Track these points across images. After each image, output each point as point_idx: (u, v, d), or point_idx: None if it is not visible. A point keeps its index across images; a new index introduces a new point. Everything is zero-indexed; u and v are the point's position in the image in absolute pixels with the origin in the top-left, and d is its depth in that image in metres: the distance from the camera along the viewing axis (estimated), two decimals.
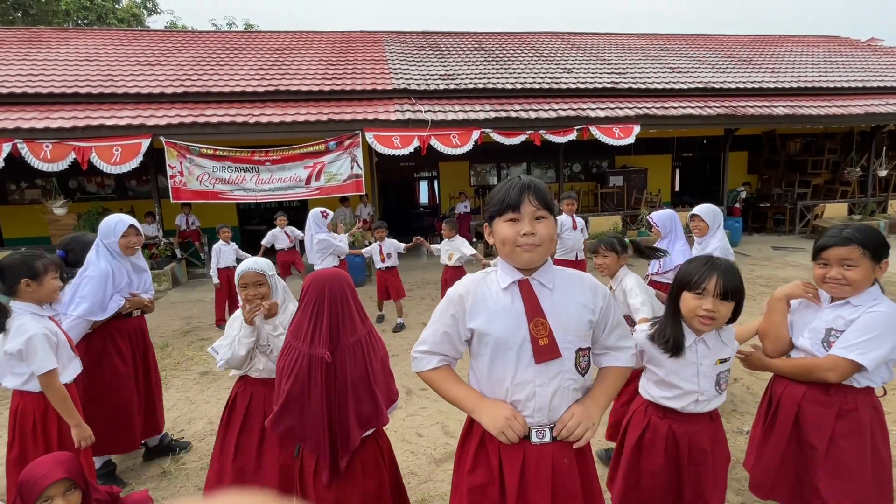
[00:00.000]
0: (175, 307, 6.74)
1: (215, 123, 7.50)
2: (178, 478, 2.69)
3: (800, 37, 15.47)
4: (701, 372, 1.53)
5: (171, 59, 10.27)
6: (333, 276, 1.58)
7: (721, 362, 1.54)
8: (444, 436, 3.01)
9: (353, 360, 1.55)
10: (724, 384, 1.57)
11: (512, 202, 1.18)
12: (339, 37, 13.01)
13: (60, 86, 8.33)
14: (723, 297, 1.45)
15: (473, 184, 11.99)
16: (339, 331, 1.53)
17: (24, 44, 10.77)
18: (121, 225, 2.57)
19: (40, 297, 2.04)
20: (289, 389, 1.51)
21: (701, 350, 1.53)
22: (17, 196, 9.68)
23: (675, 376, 1.55)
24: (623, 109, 8.85)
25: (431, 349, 1.32)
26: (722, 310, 1.45)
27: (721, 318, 1.47)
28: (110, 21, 20.52)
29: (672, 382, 1.56)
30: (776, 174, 11.93)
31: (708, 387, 1.53)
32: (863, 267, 1.52)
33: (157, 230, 8.28)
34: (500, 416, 1.19)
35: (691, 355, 1.53)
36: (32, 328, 1.94)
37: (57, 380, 1.98)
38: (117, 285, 2.57)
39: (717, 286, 1.44)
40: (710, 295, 1.44)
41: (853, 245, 1.52)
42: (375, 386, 1.57)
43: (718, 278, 1.44)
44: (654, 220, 3.49)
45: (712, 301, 1.44)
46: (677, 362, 1.54)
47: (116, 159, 7.11)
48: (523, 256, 1.19)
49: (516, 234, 1.17)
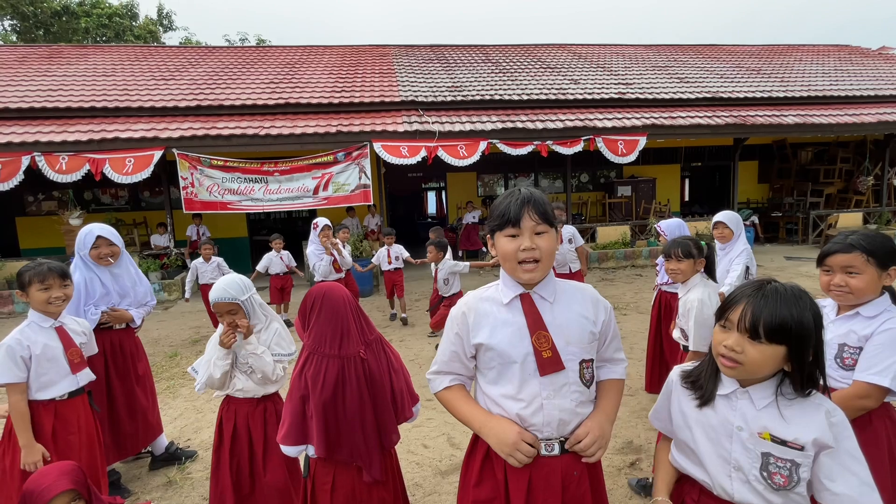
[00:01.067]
0: (185, 317, 6.80)
1: (227, 136, 7.64)
2: (184, 487, 2.69)
3: (809, 46, 15.40)
4: (736, 438, 1.09)
5: (185, 73, 10.53)
6: (332, 287, 1.65)
7: (774, 441, 1.05)
8: (450, 447, 2.98)
9: (378, 357, 1.62)
10: (784, 480, 1.03)
11: (512, 217, 1.17)
12: (348, 50, 13.24)
13: (78, 100, 8.56)
14: (753, 336, 1.03)
15: (481, 194, 12.02)
16: (363, 330, 1.62)
17: (45, 60, 11.12)
18: (89, 237, 2.54)
19: (34, 308, 2.06)
20: (323, 396, 1.51)
21: (743, 408, 1.09)
22: (35, 207, 9.90)
23: (702, 434, 1.14)
24: (630, 119, 8.85)
25: (441, 369, 1.34)
26: (750, 352, 1.03)
27: (750, 364, 1.04)
28: (128, 38, 21.14)
29: (695, 444, 1.16)
30: (788, 183, 11.80)
31: (747, 463, 1.07)
32: (867, 274, 1.47)
33: (168, 241, 8.41)
34: (506, 439, 1.18)
35: (727, 410, 1.11)
36: (7, 338, 1.97)
37: (15, 394, 1.94)
38: (91, 296, 2.56)
39: (746, 318, 1.04)
40: (734, 328, 1.07)
41: (856, 252, 1.48)
42: (398, 380, 1.65)
43: (748, 307, 1.04)
44: (662, 229, 3.46)
45: (736, 337, 1.06)
46: (705, 415, 1.14)
47: (128, 169, 7.27)
48: (524, 277, 1.20)
49: (516, 249, 1.17)
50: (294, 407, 1.55)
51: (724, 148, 11.39)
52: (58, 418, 2.06)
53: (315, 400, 1.51)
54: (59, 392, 2.07)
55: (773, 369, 1.06)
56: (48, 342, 2.05)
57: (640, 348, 4.54)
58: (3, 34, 21.03)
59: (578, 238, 4.89)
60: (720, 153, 12.03)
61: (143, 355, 2.89)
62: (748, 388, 1.09)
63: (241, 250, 10.11)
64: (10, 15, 20.21)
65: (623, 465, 2.68)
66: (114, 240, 2.62)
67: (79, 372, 2.15)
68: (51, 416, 2.04)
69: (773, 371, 1.06)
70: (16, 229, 9.82)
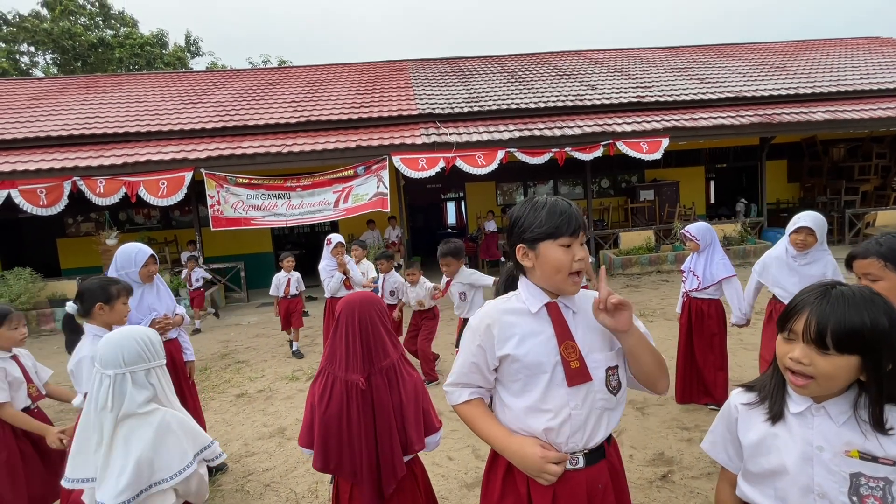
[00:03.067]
0: (213, 331, 6.99)
1: (251, 154, 7.90)
2: (215, 499, 2.74)
3: (836, 40, 14.91)
4: (817, 460, 0.96)
5: (211, 96, 10.97)
6: (362, 299, 1.60)
7: (863, 458, 0.93)
8: (475, 459, 2.95)
9: (389, 384, 1.54)
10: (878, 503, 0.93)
11: (572, 228, 1.16)
12: (366, 67, 13.55)
13: (113, 126, 9.02)
14: (820, 346, 0.92)
15: (500, 203, 12.01)
16: (373, 354, 1.54)
17: (83, 90, 11.77)
18: (141, 254, 2.67)
19: (110, 321, 2.17)
20: (327, 414, 1.52)
21: (822, 425, 0.97)
22: (74, 229, 10.42)
23: (777, 460, 1.01)
24: (651, 123, 8.72)
25: (459, 381, 1.32)
26: (820, 365, 0.93)
27: (823, 378, 0.93)
28: (158, 65, 22.20)
29: (767, 470, 1.03)
30: (820, 182, 11.36)
31: (833, 489, 0.95)
32: (888, 280, 1.42)
33: (198, 257, 8.68)
34: (531, 462, 1.16)
35: (803, 429, 0.99)
36: (86, 350, 2.05)
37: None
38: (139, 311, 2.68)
39: (811, 327, 0.93)
40: (799, 339, 0.96)
41: (872, 258, 1.44)
42: (407, 411, 1.57)
43: (812, 315, 0.93)
44: (691, 233, 3.32)
45: (802, 348, 0.95)
46: (778, 437, 1.01)
47: (163, 192, 7.60)
48: (571, 289, 1.20)
49: (571, 259, 1.16)
50: (307, 412, 1.61)
51: (751, 148, 11.07)
52: None
53: (318, 415, 1.54)
54: None
55: (847, 381, 0.95)
56: None
57: (669, 356, 4.40)
58: (45, 67, 22.42)
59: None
60: (746, 153, 11.70)
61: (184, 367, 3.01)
62: (824, 404, 0.98)
63: (266, 265, 10.35)
64: (52, 49, 21.56)
65: (654, 478, 2.60)
66: (157, 258, 2.82)
67: None
68: None
69: (848, 383, 0.96)
70: (57, 250, 10.34)
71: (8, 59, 21.20)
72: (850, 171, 10.83)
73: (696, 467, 2.66)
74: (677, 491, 2.47)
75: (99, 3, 22.76)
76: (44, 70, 22.28)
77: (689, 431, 3.07)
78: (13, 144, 8.59)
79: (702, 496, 2.41)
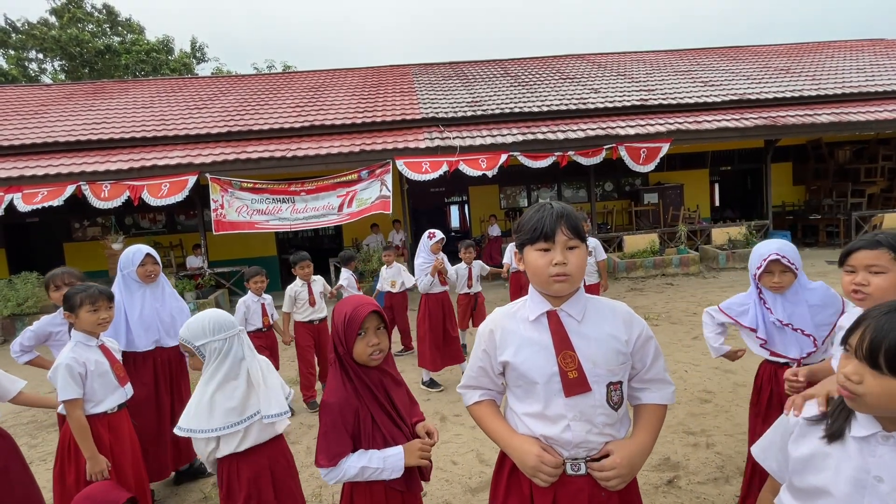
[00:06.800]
0: None
1: (256, 159, 7.95)
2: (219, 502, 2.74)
3: (841, 42, 14.85)
4: (871, 490, 0.89)
5: (216, 101, 11.05)
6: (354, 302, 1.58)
7: None
8: (479, 464, 2.94)
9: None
10: None
11: (546, 231, 1.15)
12: (370, 72, 13.62)
13: (120, 131, 9.11)
14: (872, 365, 0.85)
15: (503, 206, 12.01)
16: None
17: (90, 96, 11.90)
18: (138, 254, 2.70)
19: (83, 329, 2.17)
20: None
21: (885, 454, 0.89)
22: (80, 233, 10.51)
23: (828, 481, 0.94)
24: (654, 126, 8.71)
25: (470, 383, 1.35)
26: (871, 384, 0.86)
27: (871, 397, 0.88)
28: (164, 71, 22.40)
29: (813, 487, 0.96)
30: (825, 184, 11.28)
31: None
32: (893, 273, 1.38)
33: (202, 261, 8.73)
34: (527, 461, 1.17)
35: (863, 455, 0.91)
36: (63, 358, 2.08)
37: (76, 409, 2.04)
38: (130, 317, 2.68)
39: (864, 343, 0.87)
40: (853, 354, 0.92)
41: (882, 248, 1.38)
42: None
43: (869, 330, 0.87)
44: (788, 259, 1.91)
45: (855, 365, 0.89)
46: (834, 458, 0.94)
47: (163, 193, 7.68)
48: (554, 286, 1.18)
49: (548, 263, 1.15)
50: None
51: (755, 150, 11.03)
52: (111, 431, 2.18)
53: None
54: (110, 405, 2.18)
55: None
56: (98, 359, 2.18)
57: (674, 360, 4.39)
58: (53, 73, 22.69)
59: (601, 252, 4.80)
60: (751, 156, 11.66)
61: (187, 373, 3.00)
62: (894, 433, 0.88)
63: (270, 269, 10.39)
64: (60, 56, 21.83)
65: (660, 483, 2.58)
66: (157, 259, 2.83)
67: (125, 385, 2.28)
68: (105, 428, 2.16)
69: None
70: (64, 254, 10.42)
71: (17, 65, 21.49)
72: (856, 173, 10.76)
73: (703, 472, 2.64)
74: (683, 496, 2.45)
75: (106, 10, 23.04)
76: (52, 76, 22.54)
77: (696, 436, 3.05)
78: (21, 150, 8.69)
79: (708, 502, 2.39)
